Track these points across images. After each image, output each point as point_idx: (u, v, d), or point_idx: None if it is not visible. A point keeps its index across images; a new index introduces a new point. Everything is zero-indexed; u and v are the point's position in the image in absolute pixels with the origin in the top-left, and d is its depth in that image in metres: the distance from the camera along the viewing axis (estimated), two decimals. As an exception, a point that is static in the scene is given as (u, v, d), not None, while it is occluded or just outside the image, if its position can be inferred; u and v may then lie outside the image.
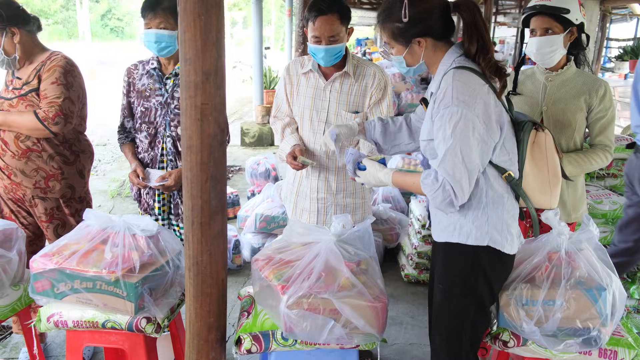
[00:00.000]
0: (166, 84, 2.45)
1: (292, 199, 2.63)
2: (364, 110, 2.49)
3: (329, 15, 2.30)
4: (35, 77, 2.42)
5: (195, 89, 1.63)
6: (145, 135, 2.48)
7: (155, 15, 2.35)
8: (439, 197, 1.67)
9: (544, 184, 1.77)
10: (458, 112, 1.61)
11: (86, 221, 2.08)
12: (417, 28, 1.74)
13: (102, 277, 1.86)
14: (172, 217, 2.56)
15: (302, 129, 2.55)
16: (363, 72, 2.48)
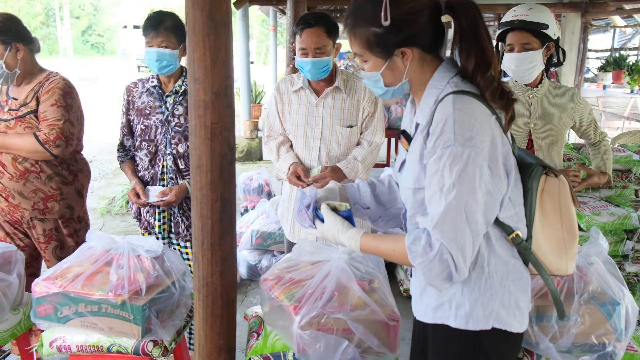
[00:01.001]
0: (166, 102, 2.44)
1: (290, 217, 2.62)
2: (357, 124, 2.50)
3: (316, 28, 2.34)
4: (34, 99, 2.39)
5: (205, 108, 1.61)
6: (145, 153, 2.45)
7: (157, 34, 2.35)
8: (435, 270, 1.25)
9: (558, 243, 1.39)
10: (463, 155, 1.21)
11: (88, 242, 2.05)
12: (401, 35, 1.32)
13: (108, 300, 1.82)
14: (173, 235, 2.52)
15: (296, 146, 2.55)
16: (354, 86, 2.50)
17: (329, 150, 2.50)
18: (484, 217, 1.27)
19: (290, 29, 4.46)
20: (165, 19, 2.36)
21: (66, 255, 2.45)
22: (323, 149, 2.50)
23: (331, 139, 2.49)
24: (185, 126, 2.41)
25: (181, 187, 2.41)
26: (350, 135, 2.50)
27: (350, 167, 2.45)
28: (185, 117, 2.41)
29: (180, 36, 2.38)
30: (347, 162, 2.46)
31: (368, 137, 2.54)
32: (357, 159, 2.48)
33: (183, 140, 2.41)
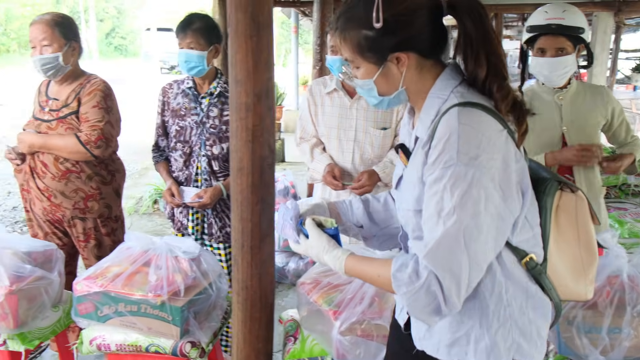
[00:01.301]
0: (201, 103, 2.45)
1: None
2: (392, 126, 2.48)
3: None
4: (75, 100, 2.42)
5: (247, 110, 1.62)
6: (180, 154, 2.47)
7: (186, 36, 2.38)
8: (420, 302, 1.11)
9: (576, 265, 1.24)
10: (467, 175, 1.07)
11: (127, 242, 2.06)
12: (395, 38, 1.18)
13: (148, 300, 1.83)
14: (206, 237, 2.53)
15: (329, 149, 2.55)
16: None
17: (362, 153, 2.49)
18: (494, 243, 1.13)
19: (317, 30, 4.46)
20: (195, 20, 2.39)
21: (104, 253, 2.49)
22: (357, 152, 2.48)
23: (365, 141, 2.47)
24: (219, 128, 2.42)
25: (216, 189, 2.42)
26: (384, 137, 2.48)
27: (387, 171, 2.43)
28: (220, 119, 2.42)
29: (210, 37, 2.39)
30: (384, 166, 2.44)
31: None
32: (393, 163, 2.46)
33: (218, 141, 2.42)
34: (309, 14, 9.62)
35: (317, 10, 4.40)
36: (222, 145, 2.43)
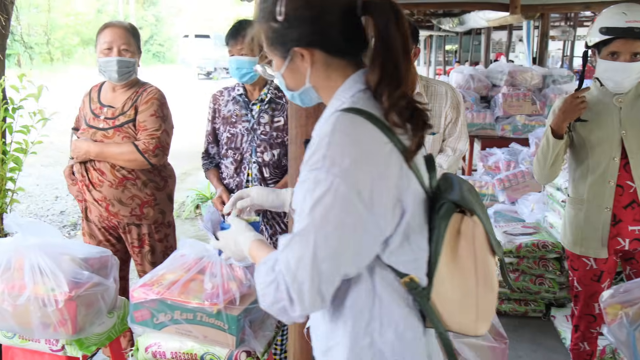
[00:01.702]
0: (252, 110, 2.45)
1: None
2: (440, 131, 2.44)
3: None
4: (132, 108, 2.45)
5: (307, 117, 1.61)
6: (231, 161, 2.47)
7: (237, 42, 2.39)
8: (268, 298, 1.06)
9: (468, 296, 1.12)
10: (326, 181, 1.02)
11: (180, 250, 2.07)
12: (297, 32, 1.14)
13: (204, 308, 1.82)
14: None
15: None
16: (434, 91, 2.44)
17: None
18: (353, 256, 1.05)
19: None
20: (245, 26, 2.38)
21: (157, 259, 2.51)
22: None
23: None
24: (270, 134, 2.42)
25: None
26: (434, 142, 2.44)
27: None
28: (270, 125, 2.42)
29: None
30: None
31: (452, 144, 2.47)
32: (442, 167, 2.41)
33: (268, 148, 2.42)
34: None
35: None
36: (273, 152, 2.42)
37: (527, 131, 5.22)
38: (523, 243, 3.26)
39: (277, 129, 2.42)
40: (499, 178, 4.44)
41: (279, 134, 2.41)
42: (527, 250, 3.25)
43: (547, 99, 5.49)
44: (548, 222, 3.53)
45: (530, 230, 3.44)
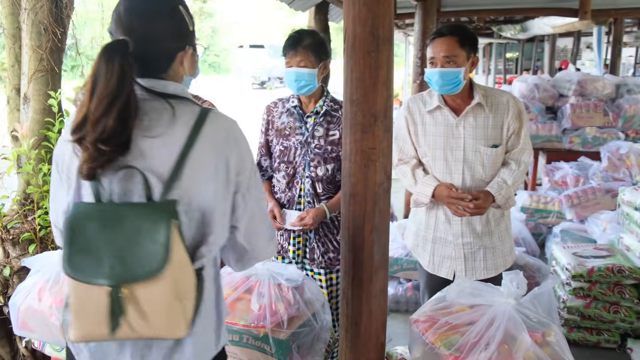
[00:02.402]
0: (307, 123, 2.34)
1: (428, 248, 2.40)
2: (502, 143, 2.26)
3: (448, 37, 2.17)
4: None
5: (363, 132, 1.48)
6: (283, 175, 2.37)
7: (296, 54, 2.27)
8: None
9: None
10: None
11: (228, 267, 1.98)
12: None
13: (250, 331, 1.74)
14: (307, 261, 2.41)
15: (434, 170, 2.34)
16: (495, 101, 2.26)
17: (473, 173, 2.28)
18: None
19: (418, 43, 4.28)
20: (304, 37, 2.28)
21: None
22: (467, 172, 2.28)
23: (475, 160, 2.27)
24: (325, 148, 2.30)
25: (319, 210, 2.30)
26: (496, 155, 2.26)
27: (502, 193, 2.20)
28: (325, 139, 2.30)
29: (320, 54, 2.28)
30: (499, 187, 2.22)
31: (515, 157, 2.29)
32: (507, 183, 2.23)
33: (322, 162, 2.30)
34: (401, 26, 9.45)
35: (419, 22, 4.22)
36: (326, 167, 2.31)
37: (597, 144, 4.89)
38: (595, 267, 3.00)
39: (332, 143, 2.30)
40: (567, 194, 4.16)
41: (333, 147, 2.29)
42: (600, 275, 2.99)
43: (622, 109, 5.10)
44: (624, 245, 3.24)
45: (604, 252, 3.17)
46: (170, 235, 1.11)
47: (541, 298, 1.68)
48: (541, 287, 1.69)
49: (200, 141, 1.20)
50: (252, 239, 1.34)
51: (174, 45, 1.28)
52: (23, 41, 2.04)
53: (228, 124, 1.27)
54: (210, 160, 1.21)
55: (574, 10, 4.69)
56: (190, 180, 1.20)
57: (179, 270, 1.13)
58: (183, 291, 1.15)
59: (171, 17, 1.27)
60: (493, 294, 1.66)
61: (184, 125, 1.21)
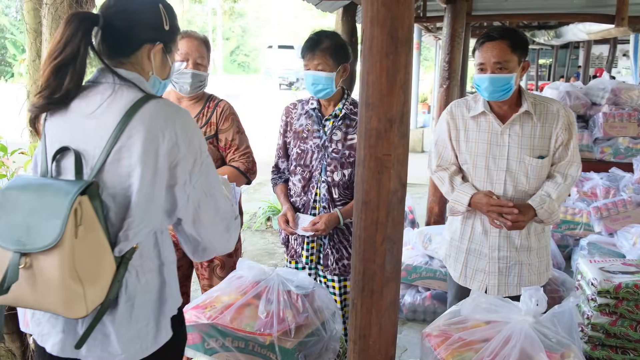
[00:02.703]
0: (325, 126, 2.29)
1: (461, 259, 2.32)
2: (549, 154, 2.17)
3: (498, 41, 2.07)
4: (207, 125, 2.36)
5: (377, 137, 1.42)
6: (299, 178, 2.32)
7: (314, 56, 2.22)
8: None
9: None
10: None
11: (238, 271, 1.95)
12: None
13: (256, 338, 1.69)
14: (320, 267, 2.36)
15: (474, 179, 2.25)
16: (544, 110, 2.16)
17: (515, 184, 2.18)
18: None
19: (446, 46, 4.19)
20: (323, 39, 2.23)
21: (225, 274, 2.41)
22: (509, 183, 2.18)
23: (519, 171, 2.17)
24: (342, 153, 2.24)
25: (332, 216, 2.24)
26: (542, 167, 2.16)
27: (545, 207, 2.10)
28: (343, 143, 2.24)
29: (339, 57, 2.22)
30: (542, 201, 2.11)
31: (562, 170, 2.18)
32: (551, 197, 2.12)
33: (339, 167, 2.24)
34: (432, 30, 9.33)
35: (447, 25, 4.13)
36: (343, 172, 2.25)
37: (630, 155, 4.73)
38: (623, 283, 2.87)
39: (350, 147, 2.24)
40: (596, 206, 4.01)
41: (351, 152, 2.23)
42: (628, 292, 2.85)
43: (657, 120, 4.93)
44: (655, 261, 3.10)
45: (633, 268, 3.03)
46: (68, 213, 1.13)
47: (562, 317, 1.60)
48: (562, 305, 1.61)
49: (130, 127, 1.24)
50: (202, 231, 1.37)
51: (143, 35, 1.35)
52: (43, 36, 2.03)
53: (169, 114, 1.29)
54: (138, 147, 1.23)
55: (611, 16, 4.52)
56: (116, 164, 1.24)
57: (79, 250, 1.16)
58: (86, 272, 1.17)
59: (147, 9, 1.35)
60: (510, 310, 1.59)
61: (120, 110, 1.25)
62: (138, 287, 1.30)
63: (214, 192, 1.37)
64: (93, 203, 1.20)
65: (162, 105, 1.30)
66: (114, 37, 1.33)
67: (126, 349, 1.29)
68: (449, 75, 4.18)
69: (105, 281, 1.22)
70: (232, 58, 42.13)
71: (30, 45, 2.26)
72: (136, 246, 1.28)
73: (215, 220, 1.38)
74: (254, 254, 4.82)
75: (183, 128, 1.29)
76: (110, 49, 1.34)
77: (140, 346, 1.31)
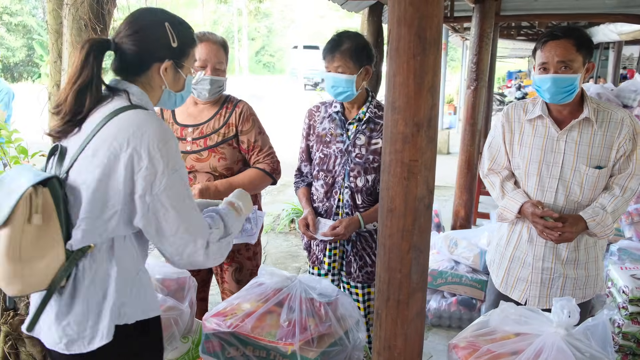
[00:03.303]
0: (348, 130, 2.23)
1: (504, 265, 2.24)
2: (608, 165, 2.05)
3: (563, 40, 1.96)
4: (226, 126, 2.31)
5: (404, 142, 1.37)
6: (321, 184, 2.27)
7: (333, 58, 2.15)
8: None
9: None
10: None
11: (260, 278, 1.91)
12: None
13: (278, 348, 1.65)
14: (343, 274, 2.31)
15: (525, 185, 2.16)
16: (607, 117, 2.04)
17: (568, 194, 2.07)
18: None
19: (474, 47, 4.10)
20: (344, 41, 2.16)
21: (243, 277, 2.40)
22: (561, 191, 2.08)
23: (573, 180, 2.06)
24: (366, 158, 2.18)
25: (352, 220, 2.18)
26: (599, 178, 2.05)
27: (597, 220, 1.99)
28: (367, 148, 2.18)
29: (360, 59, 2.15)
30: (594, 213, 2.01)
31: (622, 182, 2.05)
32: (605, 209, 2.01)
33: (362, 173, 2.18)
34: (459, 30, 9.19)
35: (476, 25, 4.04)
36: (367, 177, 2.19)
37: (664, 159, 4.55)
38: (657, 292, 2.77)
39: (374, 152, 2.18)
40: (627, 211, 3.88)
41: (375, 157, 2.17)
42: (662, 301, 2.75)
43: (692, 123, 4.75)
44: (690, 269, 2.98)
45: (666, 277, 2.92)
46: (19, 198, 1.25)
47: (595, 329, 1.53)
48: (596, 318, 1.54)
49: (100, 134, 1.35)
50: (165, 243, 1.41)
51: (151, 56, 1.46)
52: (64, 37, 2.03)
53: (141, 124, 1.36)
54: (103, 150, 1.33)
55: (644, 15, 4.39)
56: (83, 163, 1.35)
57: (29, 234, 1.27)
58: (29, 255, 1.28)
59: (154, 30, 1.46)
60: (541, 322, 1.53)
61: (101, 115, 1.38)
62: (84, 284, 1.37)
63: (180, 206, 1.39)
64: (54, 195, 1.31)
65: (137, 115, 1.37)
66: (124, 60, 1.46)
67: (63, 339, 1.38)
68: (477, 77, 4.08)
69: (49, 269, 1.31)
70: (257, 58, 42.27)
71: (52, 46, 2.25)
72: (92, 246, 1.36)
73: (179, 234, 1.40)
74: (277, 257, 4.80)
75: (152, 140, 1.35)
76: (122, 70, 1.48)
77: (78, 342, 1.39)
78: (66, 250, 1.33)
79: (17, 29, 25.58)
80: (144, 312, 1.46)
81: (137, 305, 1.44)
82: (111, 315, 1.38)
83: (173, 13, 1.53)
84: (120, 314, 1.40)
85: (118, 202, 1.35)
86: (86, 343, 1.39)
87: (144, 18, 1.48)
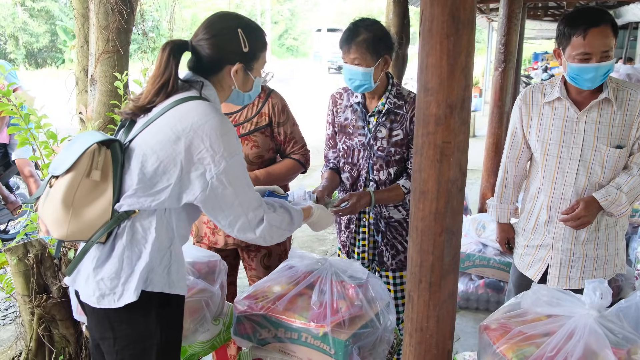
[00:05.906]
0: (369, 123, 2.20)
1: (523, 243, 2.28)
2: (628, 144, 2.03)
3: (603, 26, 1.90)
4: (258, 115, 2.29)
5: (437, 124, 1.35)
6: (347, 176, 2.27)
7: (350, 50, 2.09)
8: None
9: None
10: None
11: (290, 261, 1.93)
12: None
13: (309, 329, 1.67)
14: (376, 264, 2.31)
15: (545, 167, 2.14)
16: (627, 97, 2.00)
17: (589, 175, 2.06)
18: None
19: (502, 28, 4.02)
20: (361, 31, 2.08)
21: (273, 263, 2.40)
22: (582, 173, 2.07)
23: (594, 161, 2.04)
24: (388, 150, 2.15)
25: (362, 194, 2.13)
26: (619, 157, 2.03)
27: (610, 199, 1.99)
28: (388, 140, 2.15)
29: (377, 50, 2.08)
30: (607, 193, 2.00)
31: (638, 161, 2.05)
32: (620, 189, 2.00)
33: (384, 166, 2.16)
34: (484, 11, 9.02)
35: (504, 6, 3.96)
36: (389, 171, 2.17)
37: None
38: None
39: (395, 144, 2.15)
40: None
41: (397, 149, 2.14)
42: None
43: None
44: None
45: None
46: (82, 153, 1.41)
47: (628, 311, 1.52)
48: (629, 300, 1.52)
49: (167, 115, 1.49)
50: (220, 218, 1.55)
51: (223, 59, 1.60)
52: (91, 21, 2.04)
53: (205, 114, 1.47)
54: (166, 130, 1.46)
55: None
56: (143, 139, 1.49)
57: (84, 186, 1.42)
58: (79, 205, 1.43)
59: (227, 36, 1.59)
60: (574, 304, 1.51)
61: (170, 101, 1.52)
62: (122, 243, 1.48)
63: (237, 184, 1.52)
64: (114, 157, 1.46)
65: (203, 106, 1.49)
66: (200, 60, 1.60)
67: (96, 292, 1.48)
68: (505, 58, 4.02)
69: (94, 222, 1.45)
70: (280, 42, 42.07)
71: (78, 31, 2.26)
72: (137, 211, 1.47)
73: (233, 209, 1.53)
74: (304, 240, 4.83)
75: (214, 127, 1.47)
76: (198, 69, 1.61)
77: (109, 296, 1.48)
78: (113, 210, 1.45)
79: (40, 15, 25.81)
80: (169, 285, 1.53)
81: (163, 276, 1.52)
82: (140, 276, 1.47)
83: (247, 18, 1.66)
84: (147, 279, 1.48)
85: (173, 177, 1.46)
86: (117, 299, 1.48)
87: (219, 24, 1.61)
